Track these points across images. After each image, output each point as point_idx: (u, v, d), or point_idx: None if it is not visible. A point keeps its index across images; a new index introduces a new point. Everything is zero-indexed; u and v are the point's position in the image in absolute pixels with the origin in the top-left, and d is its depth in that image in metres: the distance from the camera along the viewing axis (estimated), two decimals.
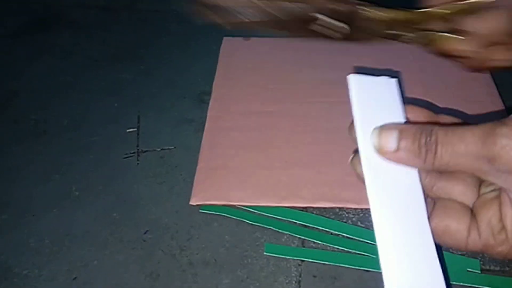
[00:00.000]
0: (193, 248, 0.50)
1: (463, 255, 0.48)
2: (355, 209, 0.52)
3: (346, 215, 0.52)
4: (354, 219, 0.52)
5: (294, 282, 0.47)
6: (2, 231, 0.52)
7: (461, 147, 0.24)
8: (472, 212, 0.28)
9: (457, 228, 0.27)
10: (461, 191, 0.29)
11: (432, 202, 0.29)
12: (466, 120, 0.31)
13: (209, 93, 0.65)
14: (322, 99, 0.63)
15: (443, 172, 0.29)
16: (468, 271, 0.47)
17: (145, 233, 0.51)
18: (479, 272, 0.47)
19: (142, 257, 0.49)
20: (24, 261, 0.49)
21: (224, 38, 0.73)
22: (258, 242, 0.50)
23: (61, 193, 0.55)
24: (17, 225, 0.52)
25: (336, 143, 0.58)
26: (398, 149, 0.26)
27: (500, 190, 0.26)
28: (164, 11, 0.81)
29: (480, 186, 0.29)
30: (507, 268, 0.47)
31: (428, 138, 0.25)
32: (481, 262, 0.48)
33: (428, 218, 0.27)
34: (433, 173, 0.29)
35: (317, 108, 0.62)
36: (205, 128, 0.61)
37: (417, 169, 0.28)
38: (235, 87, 0.66)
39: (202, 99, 0.65)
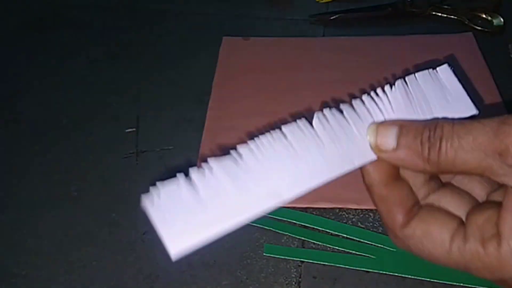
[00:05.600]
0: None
1: None
2: (355, 209, 0.52)
3: (346, 215, 0.52)
4: (354, 219, 0.52)
5: (294, 283, 0.47)
6: (0, 232, 0.52)
7: (469, 139, 0.21)
8: (462, 222, 0.24)
9: (440, 231, 0.24)
10: (456, 204, 0.25)
11: (418, 207, 0.25)
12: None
13: (208, 93, 0.65)
14: (322, 99, 0.63)
15: (446, 176, 0.26)
16: None
17: (144, 233, 0.51)
18: None
19: (141, 258, 0.49)
20: (22, 261, 0.49)
21: (224, 37, 0.73)
22: (257, 243, 0.50)
23: (60, 193, 0.55)
24: (15, 225, 0.52)
25: None
26: (397, 147, 0.23)
27: (505, 192, 0.22)
28: (164, 10, 0.80)
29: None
30: None
31: (432, 133, 0.22)
32: None
33: None
34: (431, 183, 0.26)
35: (317, 108, 0.62)
36: (204, 128, 0.60)
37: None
38: (234, 87, 0.66)
39: (202, 99, 0.65)
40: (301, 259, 0.49)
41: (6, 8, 0.82)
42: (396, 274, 0.47)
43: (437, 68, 0.26)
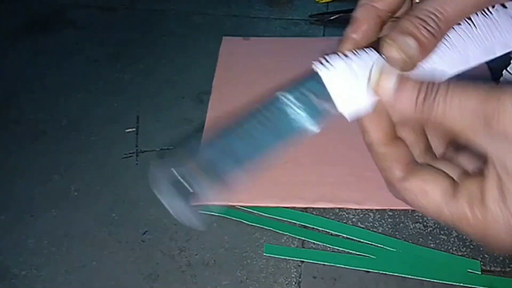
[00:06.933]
0: (192, 249, 0.50)
1: (464, 256, 0.48)
2: (355, 209, 0.52)
3: (346, 215, 0.52)
4: (354, 219, 0.52)
5: (294, 283, 0.47)
6: (1, 232, 0.52)
7: (461, 98, 0.23)
8: (453, 182, 0.26)
9: (434, 191, 0.25)
10: (450, 166, 0.27)
11: (414, 163, 0.27)
12: None
13: (208, 93, 0.65)
14: None
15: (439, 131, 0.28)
16: (468, 272, 0.47)
17: (144, 233, 0.51)
18: (480, 273, 0.47)
19: (141, 257, 0.49)
20: (22, 261, 0.49)
21: (224, 37, 0.73)
22: (257, 243, 0.50)
23: (60, 193, 0.55)
24: (15, 225, 0.52)
25: (336, 143, 0.58)
26: (396, 90, 0.25)
27: (487, 163, 0.24)
28: (164, 10, 0.80)
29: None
30: (507, 269, 0.47)
31: (431, 85, 0.24)
32: (482, 263, 0.48)
33: None
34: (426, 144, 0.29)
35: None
36: (204, 128, 0.60)
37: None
38: (234, 87, 0.66)
39: (202, 99, 0.65)
40: (301, 259, 0.49)
41: (6, 8, 0.82)
42: (396, 274, 0.47)
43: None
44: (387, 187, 0.28)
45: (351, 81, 0.26)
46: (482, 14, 0.27)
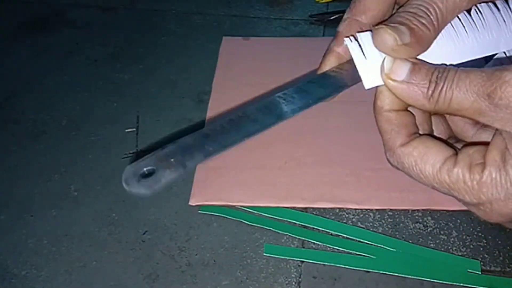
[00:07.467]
0: (192, 249, 0.50)
1: (464, 256, 0.48)
2: (355, 209, 0.52)
3: (346, 215, 0.52)
4: (354, 219, 0.52)
5: (294, 283, 0.47)
6: (1, 232, 0.52)
7: (466, 82, 0.24)
8: (456, 153, 0.27)
9: (435, 155, 0.26)
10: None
11: (418, 135, 0.28)
12: None
13: (208, 93, 0.65)
14: None
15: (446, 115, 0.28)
16: (468, 272, 0.47)
17: (144, 233, 0.51)
18: (480, 273, 0.47)
19: (141, 257, 0.49)
20: (22, 261, 0.49)
21: (224, 37, 0.73)
22: (257, 243, 0.50)
23: (60, 193, 0.55)
24: (15, 225, 0.52)
25: (336, 143, 0.58)
26: (407, 80, 0.25)
27: (494, 134, 0.25)
28: (163, 10, 0.80)
29: None
30: (507, 269, 0.47)
31: (440, 75, 0.25)
32: (482, 263, 0.48)
33: None
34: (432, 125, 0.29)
35: (316, 108, 0.62)
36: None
37: None
38: (234, 87, 0.66)
39: (201, 99, 0.65)
40: (301, 259, 0.49)
41: (6, 8, 0.82)
42: (396, 274, 0.47)
43: None
44: (385, 153, 0.28)
45: (374, 55, 0.27)
46: (475, 10, 0.27)
